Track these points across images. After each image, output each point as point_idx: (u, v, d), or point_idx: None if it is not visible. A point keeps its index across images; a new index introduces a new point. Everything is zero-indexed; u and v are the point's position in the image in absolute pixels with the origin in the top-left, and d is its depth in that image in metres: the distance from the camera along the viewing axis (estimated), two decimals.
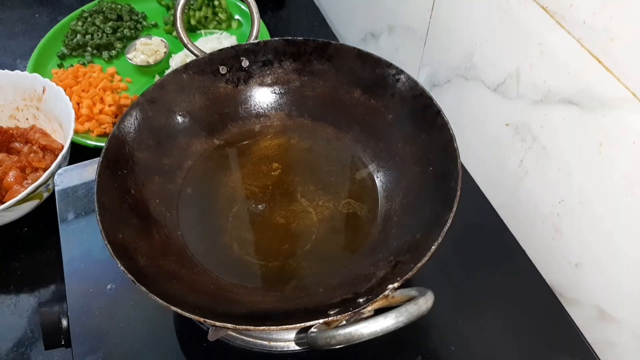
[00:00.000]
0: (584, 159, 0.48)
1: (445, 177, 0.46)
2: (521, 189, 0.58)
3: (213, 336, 0.44)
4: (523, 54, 0.52)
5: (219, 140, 0.60)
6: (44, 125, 0.80)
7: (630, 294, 0.47)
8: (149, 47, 0.93)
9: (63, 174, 0.63)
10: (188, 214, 0.53)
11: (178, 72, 0.57)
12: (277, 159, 0.58)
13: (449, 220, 0.41)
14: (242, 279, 0.49)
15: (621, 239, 0.47)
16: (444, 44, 0.65)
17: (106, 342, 0.49)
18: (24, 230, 0.73)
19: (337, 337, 0.36)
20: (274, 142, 0.60)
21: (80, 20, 0.99)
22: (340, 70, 0.58)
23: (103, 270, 0.53)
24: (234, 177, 0.57)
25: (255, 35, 0.60)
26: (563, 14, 0.46)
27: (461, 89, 0.64)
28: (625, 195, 0.45)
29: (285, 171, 0.57)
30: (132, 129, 0.53)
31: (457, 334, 0.50)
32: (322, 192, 0.55)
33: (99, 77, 0.88)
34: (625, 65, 0.42)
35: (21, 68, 0.94)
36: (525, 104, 0.54)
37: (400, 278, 0.39)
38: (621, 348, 0.50)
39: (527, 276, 0.54)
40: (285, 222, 0.53)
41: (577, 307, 0.53)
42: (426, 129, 0.51)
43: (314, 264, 0.50)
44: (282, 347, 0.49)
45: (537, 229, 0.57)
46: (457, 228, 0.42)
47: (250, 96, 0.61)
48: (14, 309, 0.66)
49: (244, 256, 0.50)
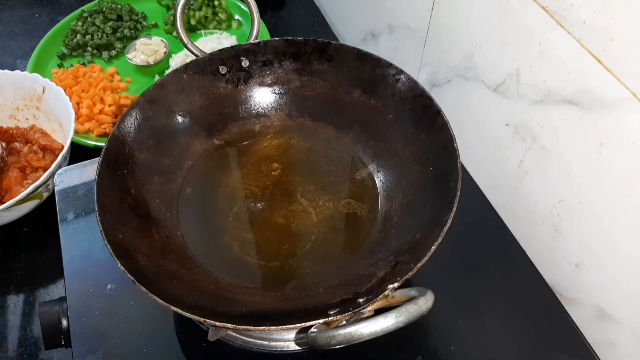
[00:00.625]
0: (584, 159, 0.48)
1: (445, 177, 0.46)
2: (521, 189, 0.58)
3: (213, 336, 0.44)
4: (523, 54, 0.52)
5: (219, 140, 0.60)
6: (44, 125, 0.80)
7: (630, 294, 0.47)
8: (149, 47, 0.93)
9: (63, 174, 0.63)
10: (188, 214, 0.53)
11: (178, 72, 0.57)
12: (277, 159, 0.58)
13: (449, 220, 0.41)
14: (242, 279, 0.49)
15: (621, 239, 0.47)
16: (444, 44, 0.65)
17: (106, 342, 0.49)
18: (24, 230, 0.73)
19: (337, 337, 0.36)
20: (274, 142, 0.60)
21: (80, 20, 0.99)
22: (340, 70, 0.58)
23: (103, 270, 0.53)
24: (234, 177, 0.57)
25: (255, 35, 0.60)
26: (563, 14, 0.46)
27: (461, 89, 0.64)
28: (625, 195, 0.45)
29: (285, 171, 0.57)
30: (132, 129, 0.53)
31: (457, 334, 0.50)
32: (322, 192, 0.55)
33: (99, 77, 0.88)
34: (625, 65, 0.42)
35: (21, 68, 0.94)
36: (525, 104, 0.54)
37: (400, 278, 0.39)
38: (621, 348, 0.50)
39: (527, 276, 0.54)
40: (285, 222, 0.53)
41: (577, 307, 0.53)
42: (426, 129, 0.51)
43: (314, 264, 0.50)
44: (282, 347, 0.49)
45: (537, 229, 0.57)
46: (457, 228, 0.42)
47: (250, 96, 0.61)
48: (14, 309, 0.66)
49: (244, 256, 0.50)
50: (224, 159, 0.59)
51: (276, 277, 0.49)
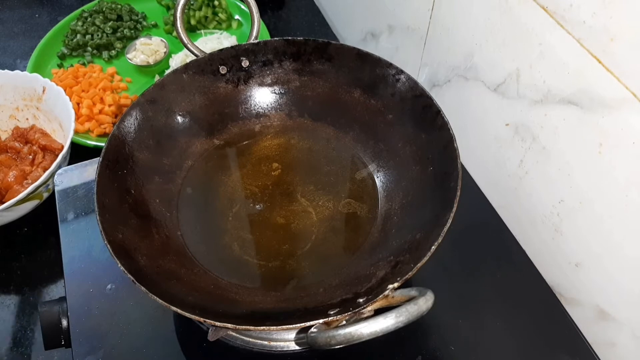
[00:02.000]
0: (584, 159, 0.48)
1: (445, 177, 0.46)
2: (521, 189, 0.58)
3: (213, 336, 0.44)
4: (523, 54, 0.52)
5: (219, 140, 0.60)
6: (44, 125, 0.80)
7: (630, 294, 0.47)
8: (149, 47, 0.93)
9: (63, 174, 0.63)
10: (188, 214, 0.53)
11: (178, 72, 0.57)
12: (277, 159, 0.58)
13: (449, 220, 0.41)
14: (242, 279, 0.49)
15: (621, 239, 0.47)
16: (444, 44, 0.65)
17: (106, 342, 0.49)
18: (24, 230, 0.73)
19: (337, 337, 0.36)
20: (274, 142, 0.60)
21: (80, 20, 0.99)
22: (340, 70, 0.58)
23: (103, 270, 0.53)
24: (233, 177, 0.57)
25: (255, 35, 0.60)
26: (563, 14, 0.46)
27: (461, 89, 0.64)
28: (625, 195, 0.45)
29: (285, 171, 0.57)
30: (132, 129, 0.53)
31: (457, 334, 0.50)
32: (322, 192, 0.55)
33: (99, 77, 0.88)
34: (625, 65, 0.42)
35: (21, 68, 0.94)
36: (525, 104, 0.54)
37: (400, 278, 0.39)
38: (621, 348, 0.50)
39: (527, 276, 0.54)
40: (285, 222, 0.53)
41: (577, 307, 0.53)
42: (426, 129, 0.51)
43: (314, 264, 0.50)
44: (282, 347, 0.49)
45: (537, 229, 0.57)
46: (457, 228, 0.42)
47: (250, 96, 0.61)
48: (14, 309, 0.66)
49: (244, 256, 0.50)
50: (224, 159, 0.59)
51: (276, 277, 0.49)
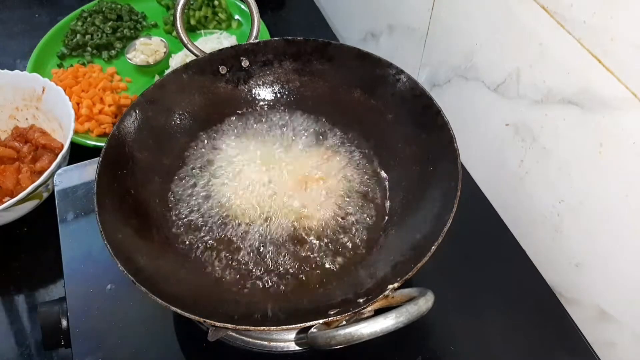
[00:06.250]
0: (584, 158, 0.48)
1: (445, 177, 0.46)
2: (521, 189, 0.58)
3: (213, 336, 0.44)
4: (523, 54, 0.52)
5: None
6: (44, 125, 0.80)
7: (630, 294, 0.47)
8: (148, 47, 0.93)
9: (63, 174, 0.63)
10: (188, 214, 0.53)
11: (178, 72, 0.57)
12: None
13: (449, 220, 0.41)
14: (242, 279, 0.49)
15: (621, 239, 0.47)
16: (444, 44, 0.65)
17: (106, 342, 0.49)
18: (24, 230, 0.73)
19: (337, 337, 0.36)
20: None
21: (80, 20, 0.99)
22: (340, 70, 0.58)
23: (103, 270, 0.53)
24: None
25: (255, 35, 0.60)
26: (563, 14, 0.46)
27: (461, 89, 0.64)
28: (625, 195, 0.45)
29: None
30: (132, 129, 0.53)
31: (457, 334, 0.50)
32: (322, 192, 0.55)
33: (98, 77, 0.88)
34: (625, 65, 0.42)
35: (21, 68, 0.93)
36: (525, 104, 0.54)
37: (400, 278, 0.39)
38: (621, 348, 0.50)
39: (527, 276, 0.54)
40: (285, 222, 0.53)
41: (577, 307, 0.53)
42: (426, 129, 0.51)
43: (314, 264, 0.50)
44: (282, 347, 0.49)
45: (537, 229, 0.57)
46: (457, 228, 0.42)
47: (250, 96, 0.61)
48: (14, 309, 0.66)
49: (244, 256, 0.50)
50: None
51: (276, 277, 0.49)
